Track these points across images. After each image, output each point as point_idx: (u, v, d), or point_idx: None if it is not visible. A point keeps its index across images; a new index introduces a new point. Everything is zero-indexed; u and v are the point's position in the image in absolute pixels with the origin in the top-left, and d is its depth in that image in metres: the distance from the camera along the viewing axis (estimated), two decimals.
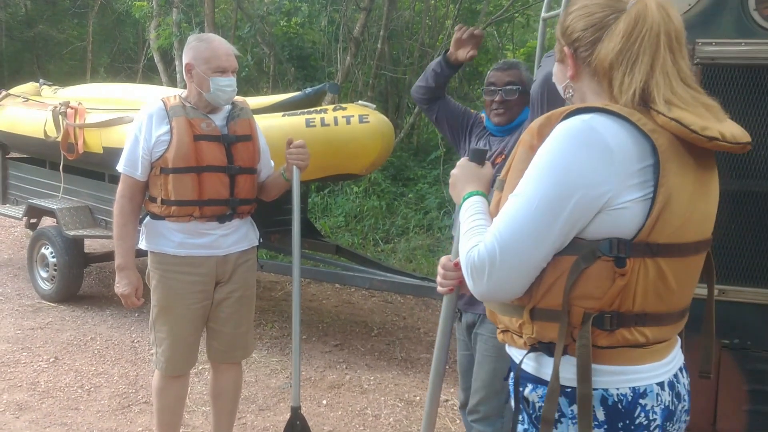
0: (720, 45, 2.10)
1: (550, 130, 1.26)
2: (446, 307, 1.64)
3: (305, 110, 4.26)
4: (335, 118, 4.14)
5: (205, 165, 2.62)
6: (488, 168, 1.53)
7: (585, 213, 1.21)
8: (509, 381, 1.41)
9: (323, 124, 4.12)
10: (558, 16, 1.67)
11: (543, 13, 2.57)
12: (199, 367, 3.86)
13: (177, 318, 2.69)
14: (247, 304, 2.84)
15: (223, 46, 2.66)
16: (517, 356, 1.36)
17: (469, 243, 1.29)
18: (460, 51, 2.51)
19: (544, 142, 1.25)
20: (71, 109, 4.85)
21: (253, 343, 3.01)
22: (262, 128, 2.91)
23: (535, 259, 1.23)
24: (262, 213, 2.98)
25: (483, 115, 2.64)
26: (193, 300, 2.70)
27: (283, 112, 4.31)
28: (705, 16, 2.11)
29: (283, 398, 3.72)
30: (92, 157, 4.79)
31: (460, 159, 1.56)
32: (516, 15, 10.02)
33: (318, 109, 4.28)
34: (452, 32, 2.92)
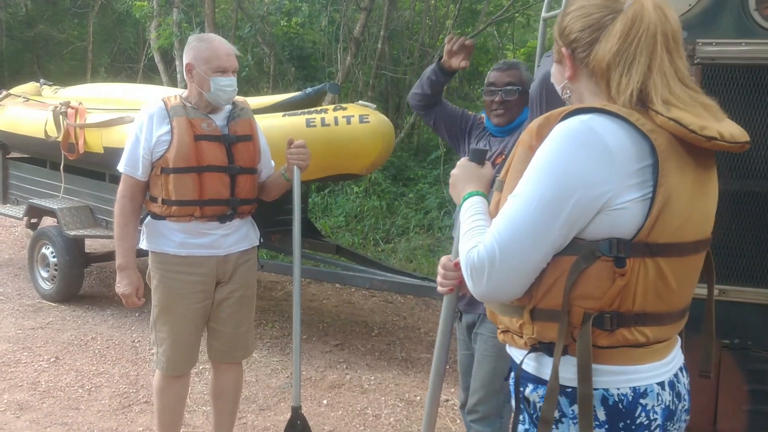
0: (720, 45, 2.10)
1: (548, 130, 1.26)
2: (446, 307, 1.64)
3: (306, 110, 4.26)
4: (335, 118, 4.14)
5: (205, 165, 2.62)
6: (488, 168, 1.53)
7: (584, 213, 1.21)
8: (510, 381, 1.42)
9: (323, 124, 4.12)
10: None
11: (543, 13, 2.57)
12: (200, 367, 3.86)
13: (178, 318, 2.70)
14: (248, 304, 2.85)
15: (223, 46, 2.67)
16: (518, 356, 1.36)
17: (469, 244, 1.29)
18: (453, 60, 2.52)
19: (543, 142, 1.25)
20: (72, 109, 4.86)
21: (254, 342, 3.01)
22: (263, 128, 2.91)
23: (534, 259, 1.23)
24: (262, 213, 2.99)
25: (483, 115, 2.64)
26: (193, 300, 2.70)
27: (284, 112, 4.31)
28: (705, 16, 2.11)
29: (283, 398, 3.72)
30: (93, 157, 4.79)
31: (461, 159, 1.56)
32: (516, 15, 10.02)
33: (318, 109, 4.28)
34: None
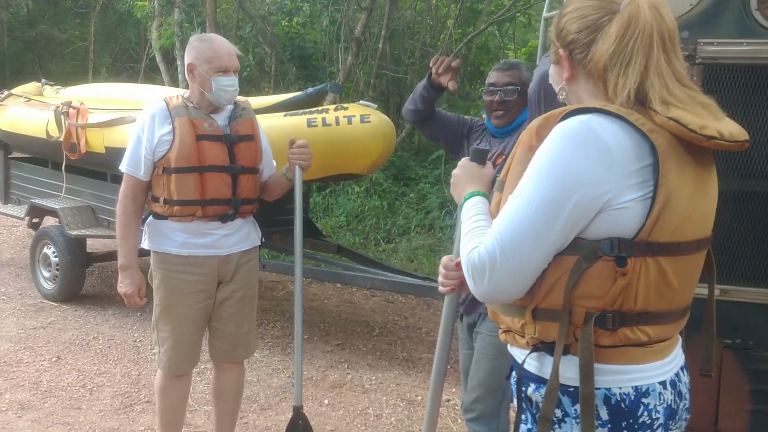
0: (722, 45, 2.10)
1: (548, 130, 1.26)
2: (448, 306, 1.64)
3: (307, 110, 4.26)
4: (337, 118, 4.14)
5: (207, 165, 2.62)
6: (489, 168, 1.53)
7: (585, 213, 1.21)
8: (512, 381, 1.42)
9: (325, 123, 4.12)
10: None
11: (545, 13, 2.57)
12: (201, 367, 3.86)
13: (179, 317, 2.70)
14: (250, 303, 2.85)
15: (224, 46, 2.67)
16: (520, 356, 1.36)
17: (470, 244, 1.30)
18: (442, 78, 2.52)
19: (542, 142, 1.26)
20: (73, 109, 4.86)
21: (255, 342, 3.01)
22: (264, 128, 2.91)
23: (535, 259, 1.23)
24: (263, 213, 2.99)
25: (484, 115, 2.64)
26: (195, 300, 2.70)
27: (285, 112, 4.31)
28: (706, 16, 2.11)
29: (285, 398, 3.73)
30: (94, 157, 4.80)
31: (462, 159, 1.57)
32: (517, 14, 10.01)
33: (319, 108, 4.28)
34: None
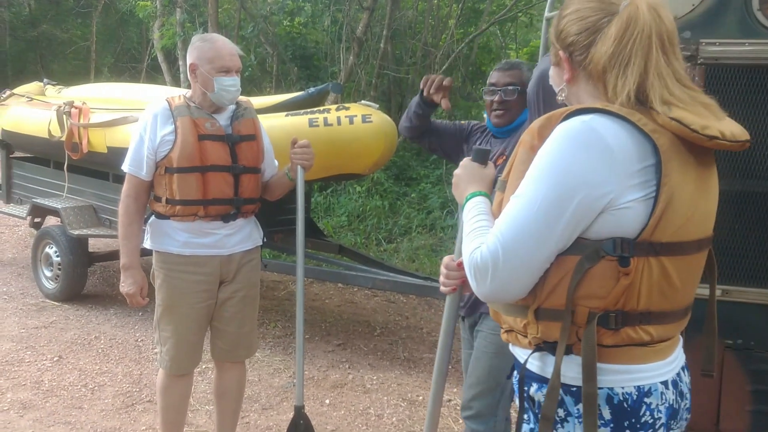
0: (724, 45, 2.10)
1: (550, 130, 1.26)
2: (449, 306, 1.65)
3: (308, 110, 4.26)
4: (338, 118, 4.14)
5: (209, 164, 2.63)
6: (491, 168, 1.54)
7: (587, 213, 1.21)
8: (514, 380, 1.42)
9: (326, 123, 4.12)
10: None
11: (546, 13, 2.57)
12: (203, 366, 3.86)
13: (181, 317, 2.70)
14: (251, 303, 2.85)
15: (226, 46, 2.67)
16: (522, 356, 1.37)
17: (472, 244, 1.30)
18: (435, 96, 2.52)
19: (544, 142, 1.26)
20: (75, 108, 4.87)
21: (257, 342, 3.02)
22: (265, 128, 2.91)
23: (537, 260, 1.23)
24: (265, 212, 2.99)
25: (485, 116, 2.65)
26: (197, 299, 2.71)
27: (287, 112, 4.31)
28: (708, 16, 2.11)
29: (286, 397, 3.73)
30: (96, 157, 4.80)
31: (464, 159, 1.57)
32: (519, 14, 10.01)
33: (321, 108, 4.28)
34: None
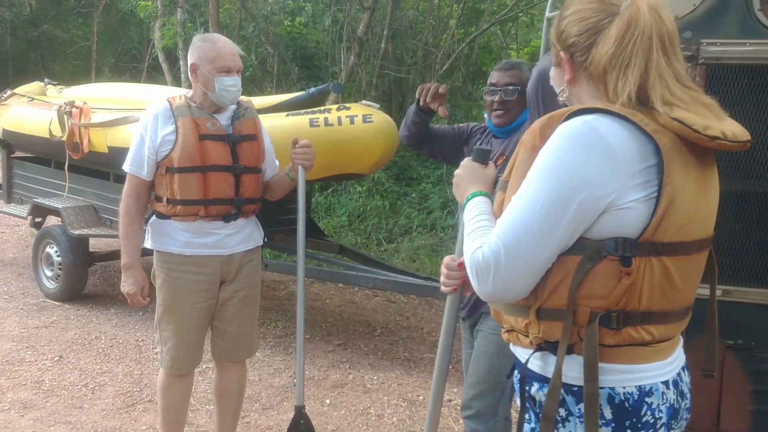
0: (725, 45, 2.10)
1: (552, 130, 1.26)
2: (449, 306, 1.64)
3: (309, 110, 4.26)
4: (339, 118, 4.14)
5: (210, 164, 2.63)
6: (492, 168, 1.54)
7: (589, 213, 1.21)
8: (515, 380, 1.42)
9: (327, 123, 4.12)
10: None
11: (547, 13, 2.57)
12: (204, 366, 3.86)
13: (182, 317, 2.70)
14: (252, 303, 2.85)
15: (227, 46, 2.67)
16: (523, 355, 1.37)
17: (474, 244, 1.30)
18: (432, 103, 2.52)
19: (546, 142, 1.26)
20: (76, 108, 4.87)
21: (258, 342, 3.02)
22: (266, 128, 2.91)
23: (539, 259, 1.24)
24: (265, 212, 2.99)
25: (485, 116, 2.65)
26: (198, 299, 2.71)
27: (287, 112, 4.31)
28: (709, 17, 2.11)
29: (286, 397, 3.73)
30: (97, 157, 4.81)
31: (464, 159, 1.57)
32: (520, 14, 10.02)
33: (322, 108, 4.28)
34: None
